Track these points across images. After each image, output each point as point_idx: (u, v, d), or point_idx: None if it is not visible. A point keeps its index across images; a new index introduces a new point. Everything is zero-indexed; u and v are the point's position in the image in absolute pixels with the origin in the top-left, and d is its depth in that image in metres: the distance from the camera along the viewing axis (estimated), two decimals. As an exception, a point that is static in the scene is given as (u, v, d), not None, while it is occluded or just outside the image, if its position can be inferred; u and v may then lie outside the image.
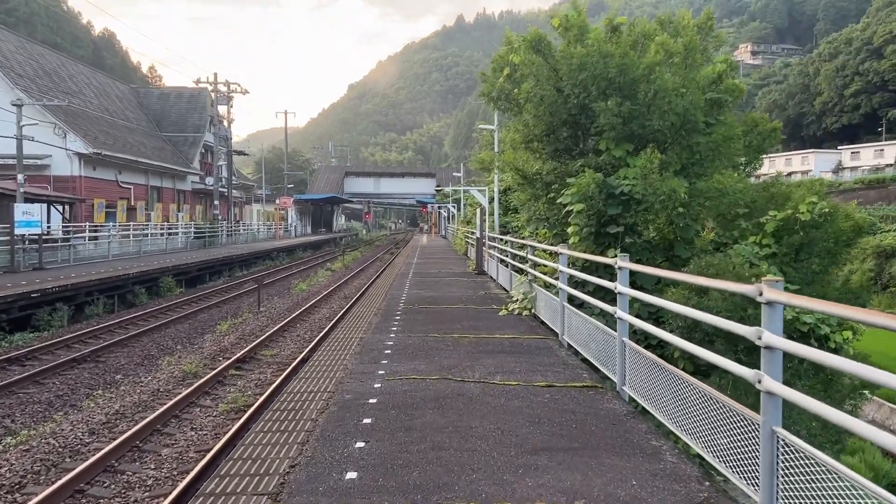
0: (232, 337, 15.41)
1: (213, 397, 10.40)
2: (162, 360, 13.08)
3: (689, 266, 10.96)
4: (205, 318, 18.54)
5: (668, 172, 11.06)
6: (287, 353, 13.68)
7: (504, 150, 13.59)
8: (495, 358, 7.71)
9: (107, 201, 29.88)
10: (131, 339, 14.88)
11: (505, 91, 12.95)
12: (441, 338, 9.02)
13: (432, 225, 79.81)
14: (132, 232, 29.18)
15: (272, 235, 55.08)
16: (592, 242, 11.74)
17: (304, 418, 5.51)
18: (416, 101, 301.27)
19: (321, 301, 21.25)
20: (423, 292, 14.96)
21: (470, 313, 11.50)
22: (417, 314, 11.46)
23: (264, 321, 17.77)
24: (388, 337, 9.15)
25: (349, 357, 7.97)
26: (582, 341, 7.82)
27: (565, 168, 12.29)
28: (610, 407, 5.72)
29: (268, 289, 25.75)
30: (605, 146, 11.55)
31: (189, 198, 41.33)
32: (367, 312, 12.16)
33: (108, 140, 31.32)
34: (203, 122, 42.77)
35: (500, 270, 16.88)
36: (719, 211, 11.30)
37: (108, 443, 7.89)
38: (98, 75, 40.65)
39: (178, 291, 23.50)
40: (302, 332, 16.07)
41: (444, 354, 7.90)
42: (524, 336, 9.23)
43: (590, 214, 11.07)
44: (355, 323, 10.88)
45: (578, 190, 10.79)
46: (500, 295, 14.29)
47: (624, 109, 11.06)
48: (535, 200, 13.02)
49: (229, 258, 30.88)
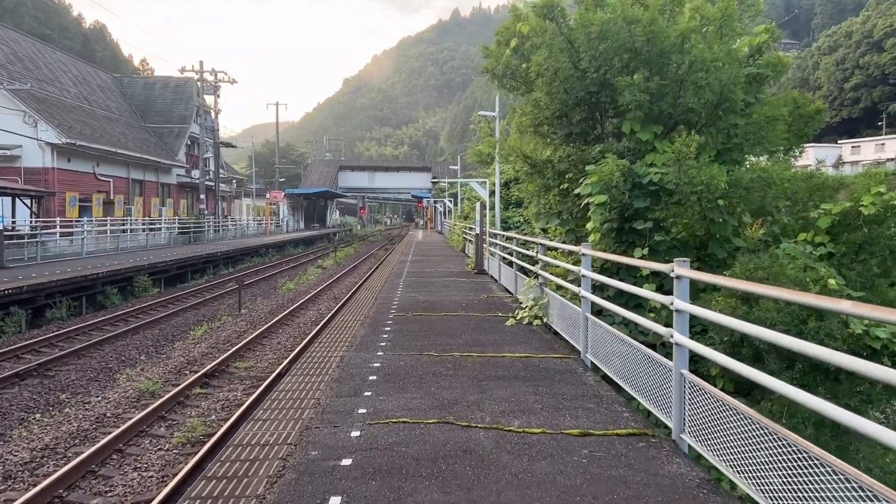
0: (205, 345, 13.79)
1: (170, 424, 8.80)
2: (120, 374, 11.46)
3: (735, 268, 9.39)
4: (179, 322, 16.90)
5: (703, 159, 9.46)
6: (263, 366, 12.08)
7: (509, 135, 11.97)
8: (508, 387, 6.12)
9: (81, 195, 28.10)
10: (91, 348, 13.24)
11: (511, 67, 11.34)
12: (439, 357, 7.42)
13: (428, 220, 78.17)
14: (109, 227, 27.44)
15: (263, 231, 53.33)
16: (614, 240, 10.16)
17: (245, 495, 3.91)
18: (412, 96, 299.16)
19: (308, 302, 19.64)
20: (418, 295, 13.36)
21: (472, 323, 9.90)
22: (410, 324, 9.86)
23: (243, 326, 16.16)
24: (374, 356, 7.55)
25: (324, 385, 6.37)
26: (616, 366, 6.24)
27: (581, 155, 10.70)
28: (673, 471, 4.14)
29: (253, 288, 24.12)
30: (628, 129, 9.95)
31: (174, 192, 39.56)
32: (353, 320, 10.56)
33: (84, 130, 29.54)
34: (189, 113, 40.93)
35: (502, 270, 15.30)
36: (762, 204, 9.72)
37: (19, 494, 6.27)
38: (79, 64, 38.78)
39: (154, 292, 21.84)
40: (283, 339, 14.47)
41: (444, 382, 6.31)
42: (539, 355, 7.64)
43: (612, 208, 9.49)
44: (338, 335, 9.27)
45: (599, 179, 9.21)
46: (505, 299, 12.71)
47: (652, 85, 9.47)
48: (545, 192, 11.44)
49: (213, 255, 29.20)
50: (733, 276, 8.49)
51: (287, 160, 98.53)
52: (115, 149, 30.59)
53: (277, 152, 67.54)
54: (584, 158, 10.59)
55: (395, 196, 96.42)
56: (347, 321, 10.46)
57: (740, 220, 10.03)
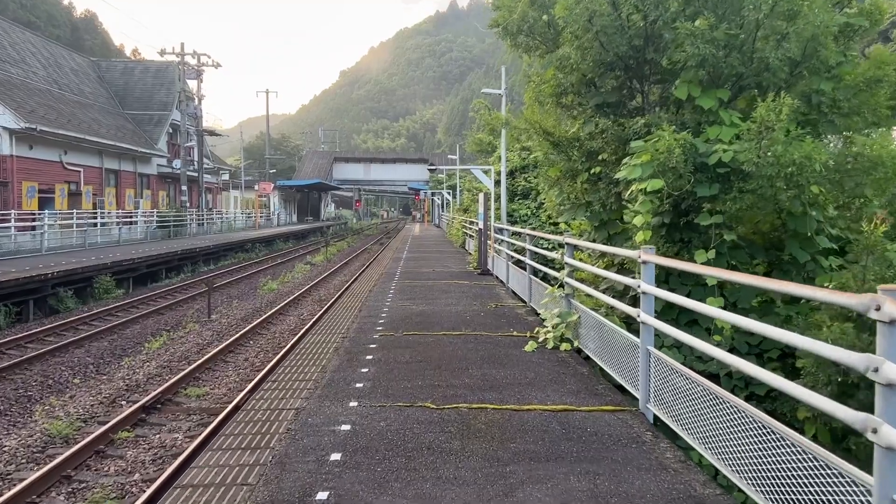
0: (156, 363, 11.50)
1: (73, 489, 6.50)
2: (40, 406, 9.17)
3: (828, 277, 7.11)
4: (135, 331, 14.58)
5: (780, 133, 7.14)
6: (220, 392, 9.80)
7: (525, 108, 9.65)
8: (549, 481, 3.83)
9: (43, 185, 25.58)
10: (14, 368, 10.91)
11: (528, 20, 8.99)
12: (438, 414, 5.13)
13: (425, 213, 75.83)
14: (76, 221, 25.01)
15: (252, 225, 50.90)
16: (664, 239, 7.87)
17: None
18: (409, 88, 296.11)
19: (289, 306, 17.34)
20: (412, 304, 11.05)
21: (481, 348, 7.60)
22: (400, 349, 7.56)
23: (209, 337, 13.86)
24: (342, 410, 5.25)
25: (260, 483, 4.05)
26: (704, 431, 3.94)
27: (620, 130, 8.37)
28: None
29: (230, 288, 21.80)
30: (684, 93, 7.63)
31: (154, 183, 37.05)
32: (328, 341, 8.25)
33: (49, 115, 27.06)
34: (171, 99, 38.37)
35: (511, 272, 13.01)
36: (857, 192, 7.42)
37: None
38: (52, 46, 36.15)
39: (118, 293, 19.48)
40: (252, 354, 12.19)
41: (445, 469, 4.02)
42: (582, 407, 5.34)
43: (667, 196, 7.19)
44: (303, 366, 6.97)
45: (652, 158, 6.90)
46: (518, 309, 10.41)
47: (719, 35, 7.14)
48: (570, 179, 9.12)
49: (192, 251, 26.84)
50: (840, 287, 6.22)
51: (282, 152, 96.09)
52: (84, 135, 28.08)
53: (268, 142, 64.96)
54: (623, 135, 8.28)
55: (392, 188, 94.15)
56: (319, 344, 8.14)
57: (824, 212, 7.74)
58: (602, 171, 8.49)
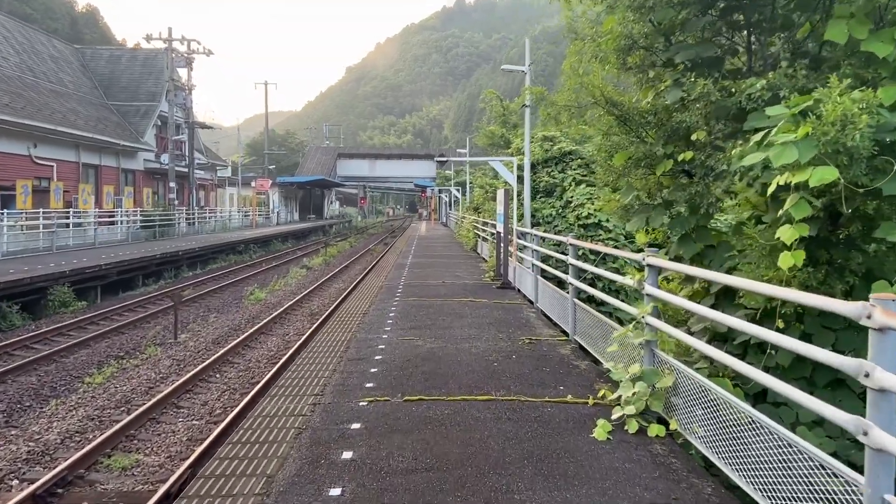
0: (83, 412, 8.86)
1: None
2: None
3: None
4: (80, 358, 11.97)
5: None
6: (155, 463, 7.14)
7: (572, 75, 6.90)
8: None
9: (3, 181, 22.94)
10: None
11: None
12: None
13: (431, 211, 73.13)
14: (43, 221, 22.41)
15: (249, 224, 48.28)
16: (806, 264, 5.13)
17: None
18: (416, 84, 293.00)
19: (273, 323, 14.72)
20: (417, 339, 8.35)
21: (525, 435, 4.89)
22: (397, 438, 4.87)
23: (167, 367, 11.24)
24: None
25: None
26: None
27: (725, 97, 5.67)
28: None
29: (211, 298, 19.19)
30: (843, 35, 4.91)
31: (140, 179, 34.41)
32: (289, 412, 5.57)
33: (15, 103, 24.45)
34: (160, 89, 35.69)
35: (541, 288, 10.32)
36: None
37: None
38: (28, 30, 33.45)
39: (79, 306, 16.85)
40: (213, 396, 9.56)
41: None
42: None
43: (822, 196, 4.48)
44: (236, 481, 4.29)
45: (812, 131, 4.18)
46: (560, 347, 7.71)
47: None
48: (644, 169, 6.40)
49: (174, 254, 24.22)
50: None
51: (287, 149, 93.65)
52: (56, 126, 25.47)
53: (267, 136, 62.27)
54: (723, 103, 5.56)
55: (398, 185, 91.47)
56: (282, 413, 5.44)
57: None
58: (696, 157, 5.77)
